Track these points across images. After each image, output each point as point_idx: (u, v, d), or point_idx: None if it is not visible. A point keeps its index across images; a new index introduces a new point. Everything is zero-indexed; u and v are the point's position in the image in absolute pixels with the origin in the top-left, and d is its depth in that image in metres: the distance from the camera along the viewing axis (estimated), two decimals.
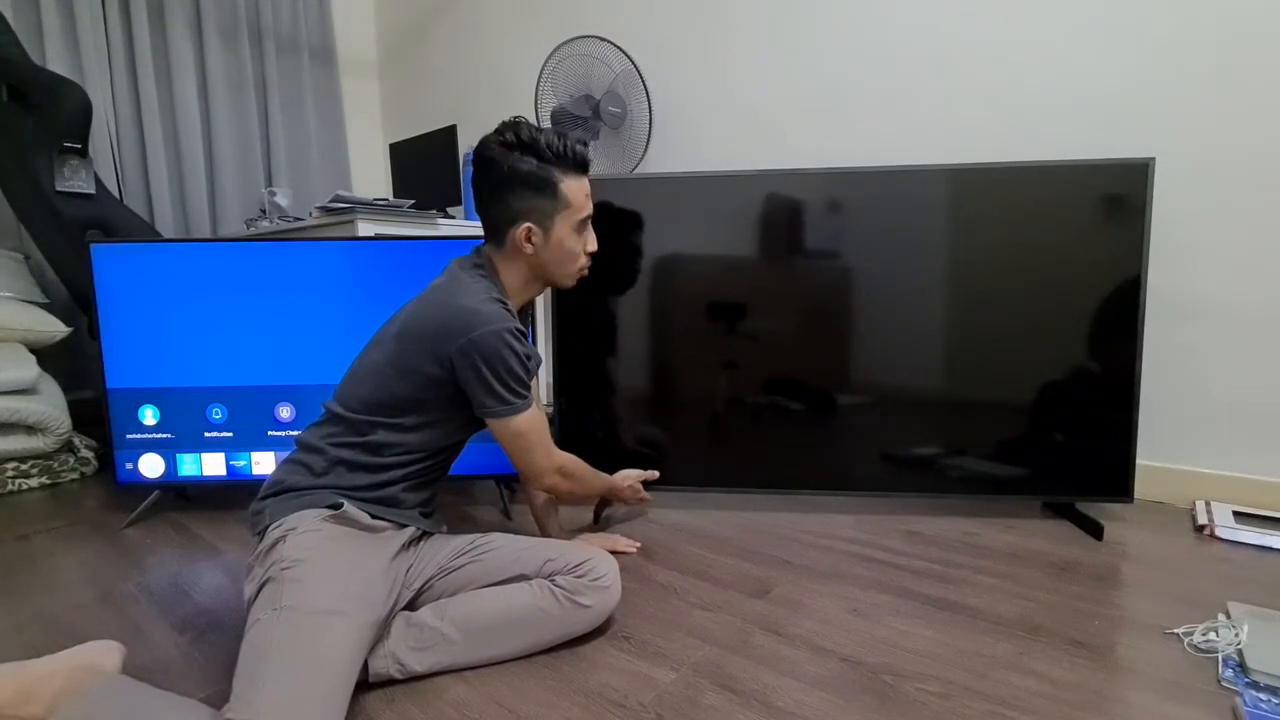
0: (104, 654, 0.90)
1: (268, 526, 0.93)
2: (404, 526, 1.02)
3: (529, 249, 1.04)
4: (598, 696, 0.90)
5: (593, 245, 1.11)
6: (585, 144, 1.06)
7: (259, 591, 0.85)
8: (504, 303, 1.02)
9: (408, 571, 1.01)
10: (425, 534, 1.08)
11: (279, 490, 0.98)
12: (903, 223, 1.51)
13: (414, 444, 1.01)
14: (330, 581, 0.86)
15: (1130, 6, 1.60)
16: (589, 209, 1.08)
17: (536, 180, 1.01)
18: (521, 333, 1.01)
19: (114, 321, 1.57)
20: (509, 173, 1.00)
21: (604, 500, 1.65)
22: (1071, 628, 1.06)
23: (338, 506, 0.94)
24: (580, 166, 1.04)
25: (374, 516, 0.98)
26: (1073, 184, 1.43)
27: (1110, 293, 1.44)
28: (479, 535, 1.10)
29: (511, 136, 1.00)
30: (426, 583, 1.03)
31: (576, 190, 1.04)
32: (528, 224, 1.02)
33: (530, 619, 0.98)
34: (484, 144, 1.02)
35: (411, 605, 1.01)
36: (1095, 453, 1.48)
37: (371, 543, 0.96)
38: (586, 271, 1.13)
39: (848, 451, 1.59)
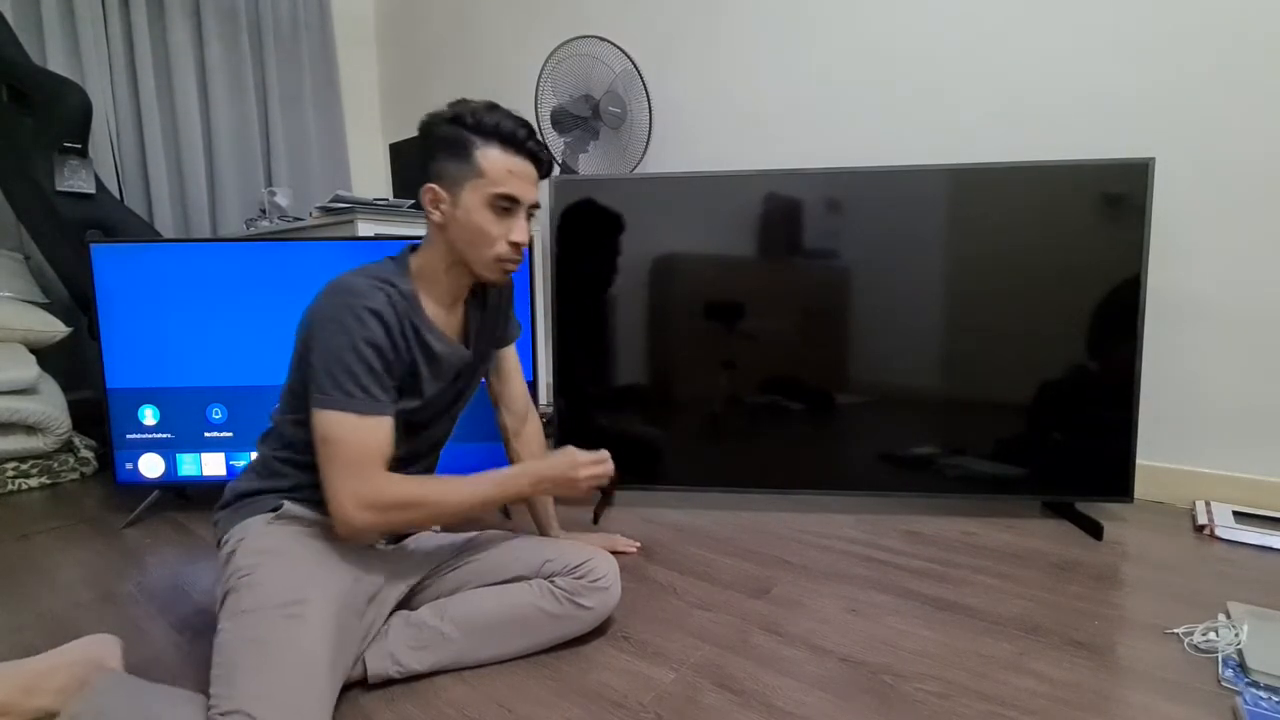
0: (105, 648, 0.92)
1: (221, 540, 0.94)
2: None
3: (436, 215, 0.96)
4: (598, 696, 0.90)
5: (518, 235, 0.96)
6: (526, 125, 0.96)
7: (222, 604, 0.85)
8: (391, 284, 0.92)
9: (389, 561, 1.00)
10: (405, 535, 1.06)
11: (227, 502, 0.99)
12: (903, 223, 1.51)
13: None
14: (286, 575, 0.86)
15: (1130, 7, 1.60)
16: (509, 187, 0.94)
17: (450, 143, 0.94)
18: (374, 313, 0.87)
19: (114, 321, 1.56)
20: (431, 138, 0.95)
21: (604, 500, 1.65)
22: (1071, 628, 1.06)
23: (278, 508, 0.94)
24: (506, 140, 0.93)
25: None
26: (1073, 184, 1.43)
27: (1110, 293, 1.44)
28: (477, 533, 1.09)
29: (446, 109, 0.95)
30: (423, 580, 1.03)
31: (495, 161, 0.93)
32: (431, 185, 0.95)
33: (530, 619, 0.98)
34: (424, 117, 0.97)
35: (410, 605, 1.01)
36: (1095, 453, 1.48)
37: (325, 534, 0.93)
38: (513, 266, 1.00)
39: (847, 451, 1.59)
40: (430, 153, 0.96)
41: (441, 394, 1.02)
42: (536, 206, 1.00)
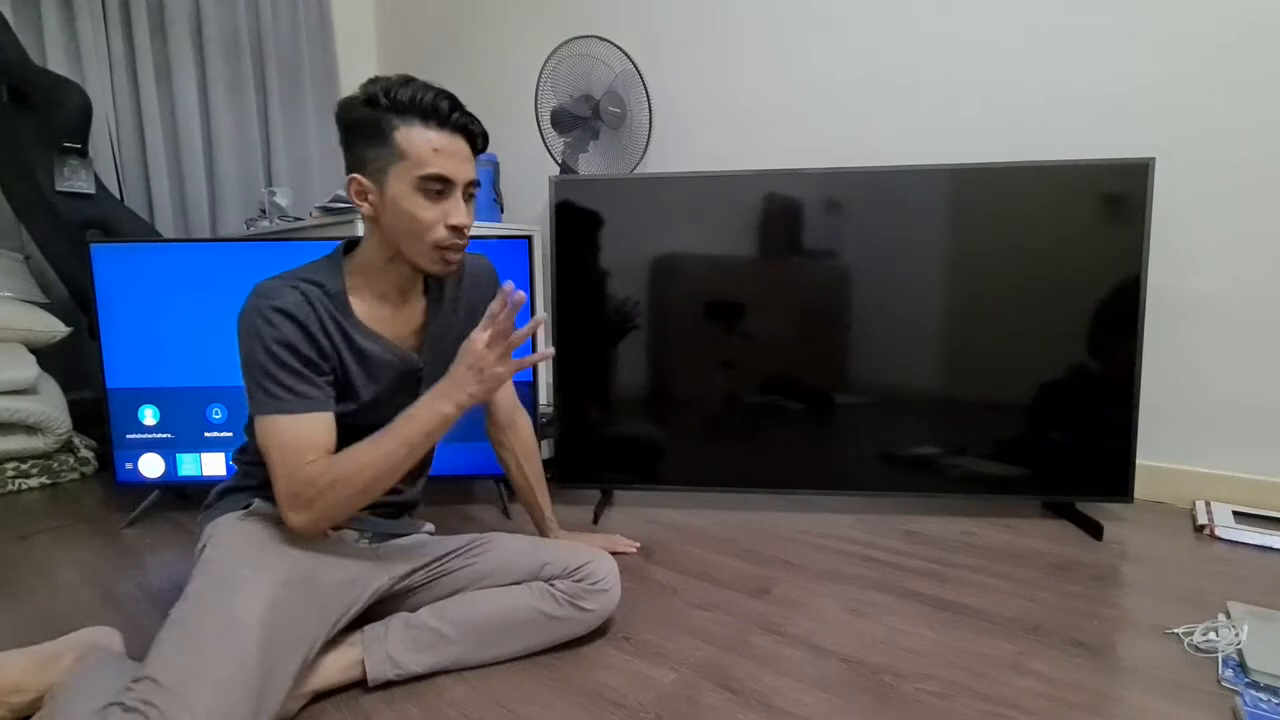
0: (107, 636, 0.98)
1: (199, 536, 0.95)
2: (343, 527, 0.98)
3: (366, 208, 0.90)
4: (598, 696, 0.90)
5: (456, 218, 0.89)
6: (449, 96, 0.88)
7: None
8: (313, 282, 0.89)
9: (370, 554, 0.99)
10: (394, 536, 1.06)
11: (210, 503, 1.00)
12: (903, 223, 1.51)
13: None
14: (229, 560, 0.85)
15: (1130, 6, 1.60)
16: (437, 166, 0.86)
17: (367, 127, 0.87)
18: (282, 312, 0.85)
19: (114, 321, 1.57)
20: (347, 124, 0.89)
21: (603, 500, 1.65)
22: (1071, 628, 1.06)
23: (249, 505, 0.94)
24: (427, 114, 0.86)
25: None
26: (1073, 184, 1.43)
27: (1110, 293, 1.44)
28: (475, 536, 1.08)
29: (359, 90, 0.88)
30: (420, 580, 1.01)
31: (417, 140, 0.85)
32: (354, 175, 0.89)
33: (530, 621, 0.98)
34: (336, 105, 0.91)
35: (409, 607, 1.00)
36: (1095, 452, 1.48)
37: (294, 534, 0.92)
38: (455, 255, 0.92)
39: (847, 451, 1.59)
40: (348, 141, 0.90)
41: (390, 397, 0.95)
42: (476, 185, 0.93)
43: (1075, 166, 1.44)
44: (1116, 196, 1.42)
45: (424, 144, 0.86)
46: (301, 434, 0.85)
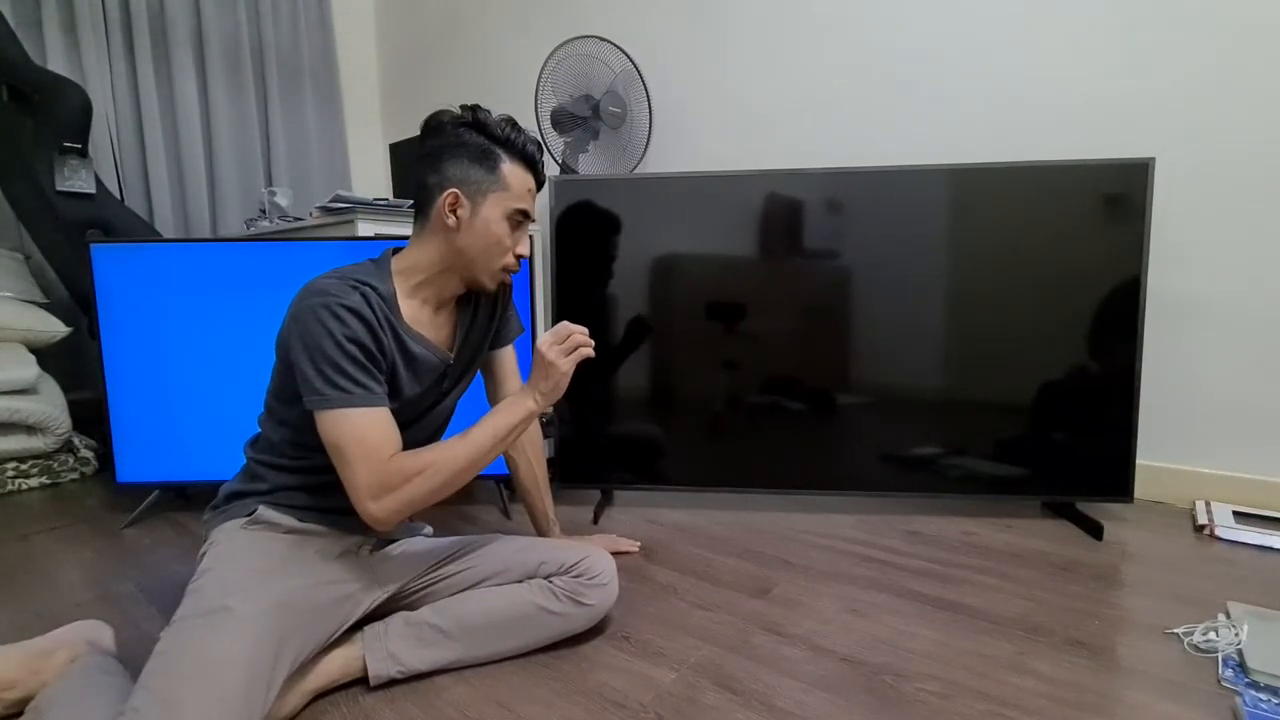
0: (98, 631, 0.99)
1: (205, 539, 0.95)
2: (348, 534, 0.99)
3: (452, 221, 0.95)
4: (598, 696, 0.90)
5: (524, 248, 1.01)
6: (540, 145, 1.02)
7: None
8: (367, 284, 0.91)
9: (367, 567, 0.99)
10: (392, 539, 1.06)
11: (217, 503, 0.99)
12: (903, 223, 1.51)
13: (307, 441, 0.92)
14: (221, 582, 0.85)
15: (1130, 7, 1.60)
16: (527, 204, 1.00)
17: (478, 151, 0.95)
18: (352, 310, 0.87)
19: (114, 321, 1.56)
20: (453, 139, 0.96)
21: (604, 499, 1.65)
22: (1071, 628, 1.06)
23: (254, 512, 0.94)
24: (527, 160, 0.99)
25: (317, 521, 0.95)
26: (1073, 184, 1.43)
27: (1110, 293, 1.44)
28: (470, 538, 1.08)
29: (467, 115, 0.96)
30: (417, 585, 1.02)
31: (517, 177, 0.98)
32: (455, 190, 0.95)
33: (531, 617, 0.98)
34: (434, 114, 0.98)
35: (410, 607, 1.00)
36: (1095, 453, 1.48)
37: (296, 541, 0.94)
38: (510, 278, 1.04)
39: (848, 451, 1.59)
40: (449, 154, 0.96)
41: (423, 395, 1.01)
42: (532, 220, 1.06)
43: (1075, 166, 1.44)
44: (1116, 196, 1.42)
45: (522, 183, 0.99)
46: (377, 426, 0.87)
